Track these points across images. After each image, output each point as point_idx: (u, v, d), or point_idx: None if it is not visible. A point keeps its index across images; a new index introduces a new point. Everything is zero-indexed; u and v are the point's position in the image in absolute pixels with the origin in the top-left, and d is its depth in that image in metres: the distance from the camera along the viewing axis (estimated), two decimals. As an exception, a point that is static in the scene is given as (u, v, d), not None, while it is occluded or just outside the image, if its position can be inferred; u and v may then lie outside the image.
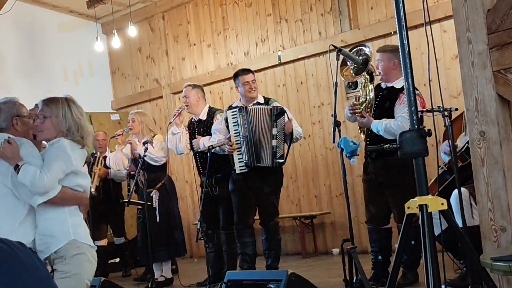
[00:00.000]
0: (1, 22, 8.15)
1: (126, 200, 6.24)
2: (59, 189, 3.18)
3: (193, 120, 6.20)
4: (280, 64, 8.02)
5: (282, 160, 5.49)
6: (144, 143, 6.14)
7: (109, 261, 7.98)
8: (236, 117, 5.52)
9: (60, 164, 3.17)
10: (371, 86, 4.85)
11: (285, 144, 5.56)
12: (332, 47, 4.63)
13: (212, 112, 6.10)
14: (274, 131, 5.43)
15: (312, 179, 7.78)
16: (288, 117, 5.54)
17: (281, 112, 5.48)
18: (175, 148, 6.23)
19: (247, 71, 5.79)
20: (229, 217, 5.85)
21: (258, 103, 5.64)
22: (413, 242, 4.80)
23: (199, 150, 5.87)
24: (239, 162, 5.50)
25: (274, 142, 5.42)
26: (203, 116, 6.09)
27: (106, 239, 7.65)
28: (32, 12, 9.12)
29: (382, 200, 4.97)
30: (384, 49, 5.03)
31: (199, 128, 6.06)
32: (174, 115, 6.16)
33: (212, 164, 5.52)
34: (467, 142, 4.43)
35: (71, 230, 3.19)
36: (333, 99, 4.60)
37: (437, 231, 3.91)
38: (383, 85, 5.02)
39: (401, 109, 4.66)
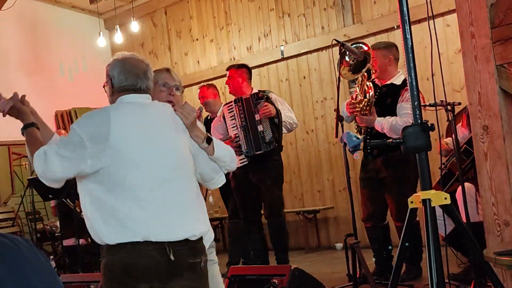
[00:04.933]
0: (3, 18, 8.16)
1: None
2: None
3: (209, 117, 6.19)
4: (283, 59, 8.01)
5: (272, 144, 5.38)
6: None
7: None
8: (233, 109, 5.52)
9: None
10: (369, 84, 4.77)
11: (274, 128, 5.43)
12: (335, 42, 4.61)
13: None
14: (257, 117, 5.40)
15: (315, 174, 7.78)
16: (270, 102, 5.43)
17: (260, 97, 5.42)
18: None
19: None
20: (233, 206, 5.91)
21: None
22: (407, 244, 4.79)
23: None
24: (240, 155, 5.50)
25: (260, 128, 5.40)
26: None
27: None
28: (34, 8, 9.13)
29: (380, 197, 4.95)
30: (377, 47, 4.95)
31: None
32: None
33: None
34: (465, 143, 4.42)
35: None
36: (336, 94, 4.58)
37: (441, 232, 3.92)
38: (377, 83, 4.97)
39: (405, 106, 4.62)
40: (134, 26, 8.61)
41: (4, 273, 1.09)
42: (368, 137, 4.91)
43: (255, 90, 5.68)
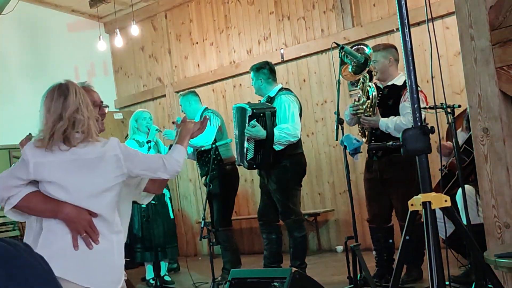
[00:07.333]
0: (4, 22, 8.17)
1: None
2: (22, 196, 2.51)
3: None
4: (283, 62, 8.01)
5: (248, 164, 5.39)
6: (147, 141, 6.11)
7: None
8: (233, 115, 5.60)
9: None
10: (371, 85, 4.78)
11: (262, 148, 5.35)
12: (334, 45, 4.61)
13: (202, 114, 6.07)
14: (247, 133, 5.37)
15: (315, 177, 7.78)
16: (263, 121, 5.31)
17: (252, 115, 5.33)
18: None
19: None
20: (224, 214, 5.93)
21: (268, 97, 5.61)
22: (407, 237, 4.79)
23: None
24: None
25: (246, 144, 5.37)
26: (197, 119, 6.05)
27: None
28: (34, 12, 9.13)
29: (385, 198, 4.95)
30: (377, 49, 4.97)
31: None
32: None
33: (206, 162, 5.56)
34: (464, 143, 4.42)
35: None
36: (336, 96, 4.59)
37: (442, 235, 3.92)
38: (379, 84, 4.98)
39: (408, 105, 4.63)
40: (134, 30, 8.61)
41: (4, 278, 1.09)
42: (372, 138, 4.91)
43: (272, 92, 5.60)
